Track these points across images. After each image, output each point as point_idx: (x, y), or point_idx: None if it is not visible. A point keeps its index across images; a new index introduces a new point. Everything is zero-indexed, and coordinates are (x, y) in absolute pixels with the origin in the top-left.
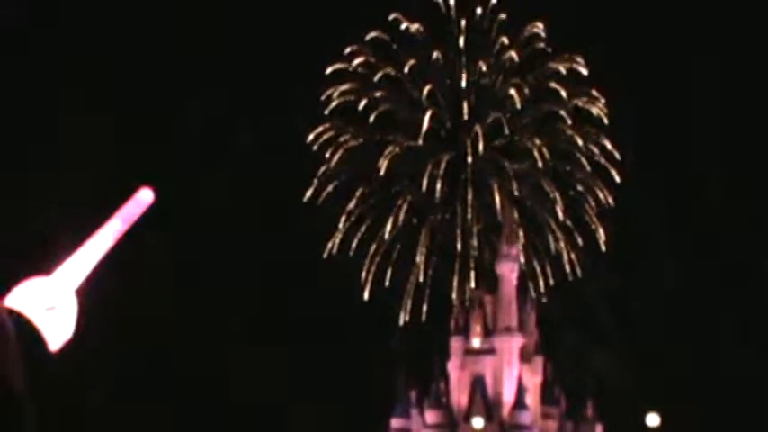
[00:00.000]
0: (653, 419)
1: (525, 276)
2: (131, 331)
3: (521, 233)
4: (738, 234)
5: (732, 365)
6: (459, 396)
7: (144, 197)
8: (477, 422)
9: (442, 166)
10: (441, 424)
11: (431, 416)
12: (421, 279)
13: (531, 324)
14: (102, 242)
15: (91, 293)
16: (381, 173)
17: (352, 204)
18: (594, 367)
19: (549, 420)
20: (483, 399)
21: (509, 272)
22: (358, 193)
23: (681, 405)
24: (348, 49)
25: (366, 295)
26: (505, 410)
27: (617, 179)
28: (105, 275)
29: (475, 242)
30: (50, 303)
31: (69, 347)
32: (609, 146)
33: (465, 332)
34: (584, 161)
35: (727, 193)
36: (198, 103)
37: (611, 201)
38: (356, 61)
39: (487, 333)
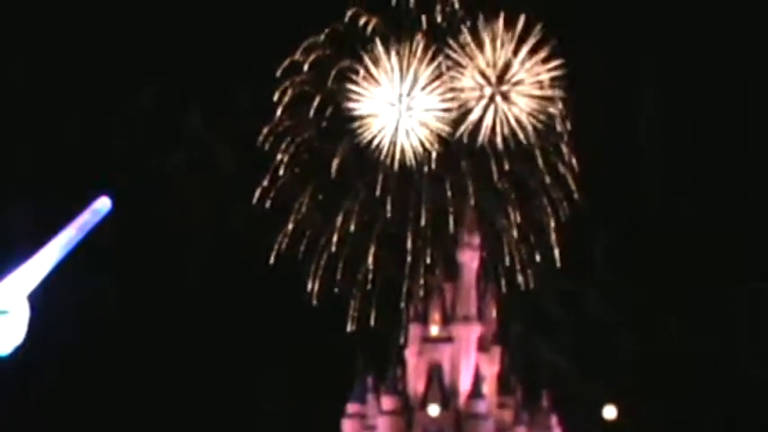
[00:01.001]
0: (610, 412)
1: (486, 265)
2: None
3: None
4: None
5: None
6: (416, 383)
7: (101, 206)
8: (433, 409)
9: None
10: (396, 410)
11: (387, 402)
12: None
13: (489, 314)
14: (57, 250)
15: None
16: (333, 167)
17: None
18: (549, 358)
19: (504, 410)
20: (440, 386)
21: (470, 260)
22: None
23: (637, 398)
24: (305, 43)
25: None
26: (462, 399)
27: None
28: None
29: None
30: (2, 308)
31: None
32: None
33: (423, 319)
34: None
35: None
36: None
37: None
38: (312, 56)
39: (446, 321)
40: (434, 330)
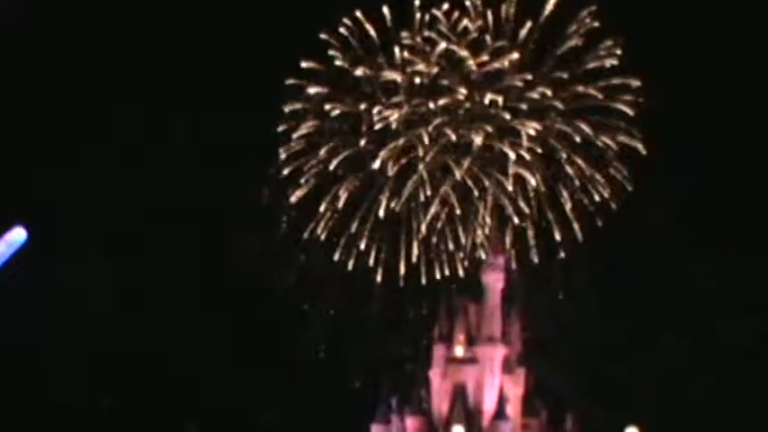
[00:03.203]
0: None
1: (511, 287)
2: None
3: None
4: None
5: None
6: (440, 404)
7: (16, 237)
8: (458, 430)
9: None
10: (421, 431)
11: (411, 423)
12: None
13: (514, 335)
14: None
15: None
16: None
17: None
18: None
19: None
20: (464, 407)
21: (494, 281)
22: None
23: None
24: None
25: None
26: (486, 420)
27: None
28: None
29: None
30: None
31: None
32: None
33: (448, 340)
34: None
35: None
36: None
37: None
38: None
39: (471, 342)
40: (459, 351)
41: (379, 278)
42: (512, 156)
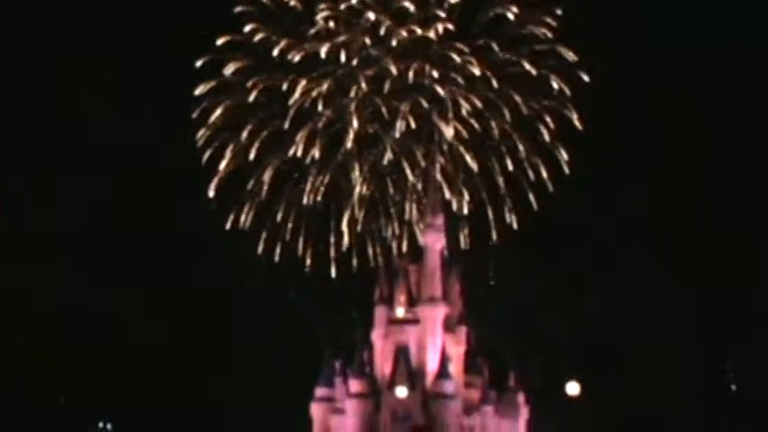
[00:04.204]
0: (573, 388)
1: (450, 247)
2: None
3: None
4: None
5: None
6: (383, 365)
7: None
8: (401, 391)
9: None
10: (364, 393)
11: (354, 385)
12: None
13: (454, 294)
14: None
15: None
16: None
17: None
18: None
19: (472, 389)
20: (407, 368)
21: (434, 242)
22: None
23: (601, 374)
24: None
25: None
26: (429, 380)
27: None
28: None
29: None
30: None
31: None
32: None
33: (389, 302)
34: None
35: None
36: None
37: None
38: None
39: (412, 303)
40: (400, 312)
41: (308, 266)
42: (444, 129)
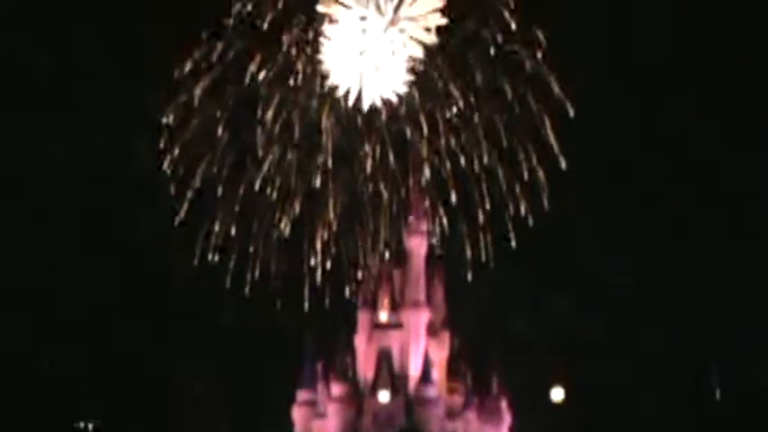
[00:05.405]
0: (557, 394)
1: (434, 251)
2: None
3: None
4: None
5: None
6: (366, 369)
7: None
8: (383, 395)
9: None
10: (346, 397)
11: (336, 388)
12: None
13: (438, 299)
14: None
15: None
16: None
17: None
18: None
19: (455, 394)
20: (389, 372)
21: (418, 246)
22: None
23: (585, 380)
24: None
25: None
26: (412, 384)
27: None
28: None
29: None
30: None
31: None
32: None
33: (373, 306)
34: None
35: None
36: None
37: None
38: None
39: (395, 307)
40: (383, 316)
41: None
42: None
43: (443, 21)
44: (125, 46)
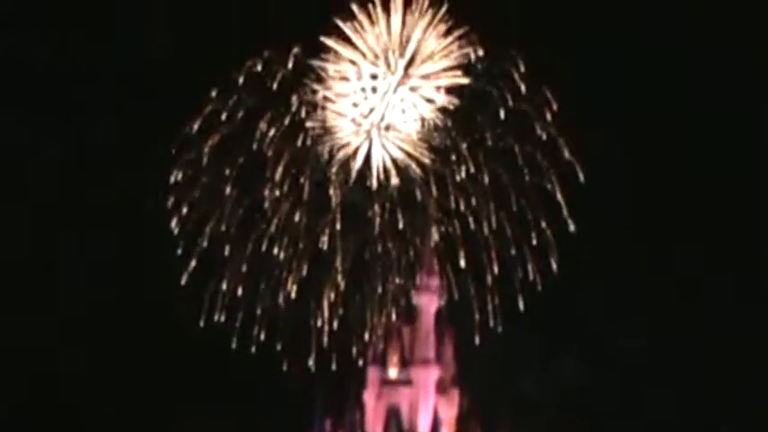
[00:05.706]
0: None
1: (443, 308)
2: None
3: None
4: None
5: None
6: (375, 426)
7: None
8: None
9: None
10: None
11: None
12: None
13: (448, 356)
14: None
15: None
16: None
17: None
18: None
19: None
20: (398, 430)
21: (427, 303)
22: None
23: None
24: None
25: None
26: None
27: None
28: None
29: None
30: None
31: None
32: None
33: (382, 362)
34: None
35: None
36: None
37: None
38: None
39: (404, 364)
40: (393, 373)
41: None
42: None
43: (454, 80)
44: (135, 105)
